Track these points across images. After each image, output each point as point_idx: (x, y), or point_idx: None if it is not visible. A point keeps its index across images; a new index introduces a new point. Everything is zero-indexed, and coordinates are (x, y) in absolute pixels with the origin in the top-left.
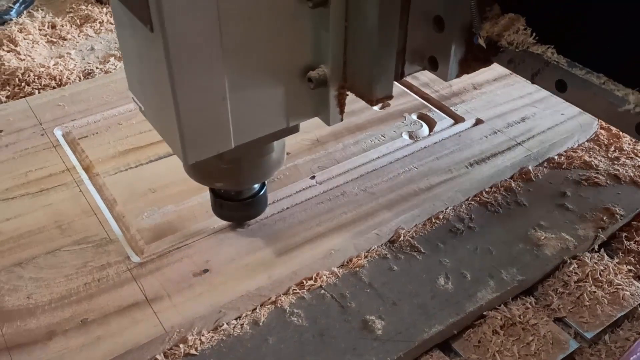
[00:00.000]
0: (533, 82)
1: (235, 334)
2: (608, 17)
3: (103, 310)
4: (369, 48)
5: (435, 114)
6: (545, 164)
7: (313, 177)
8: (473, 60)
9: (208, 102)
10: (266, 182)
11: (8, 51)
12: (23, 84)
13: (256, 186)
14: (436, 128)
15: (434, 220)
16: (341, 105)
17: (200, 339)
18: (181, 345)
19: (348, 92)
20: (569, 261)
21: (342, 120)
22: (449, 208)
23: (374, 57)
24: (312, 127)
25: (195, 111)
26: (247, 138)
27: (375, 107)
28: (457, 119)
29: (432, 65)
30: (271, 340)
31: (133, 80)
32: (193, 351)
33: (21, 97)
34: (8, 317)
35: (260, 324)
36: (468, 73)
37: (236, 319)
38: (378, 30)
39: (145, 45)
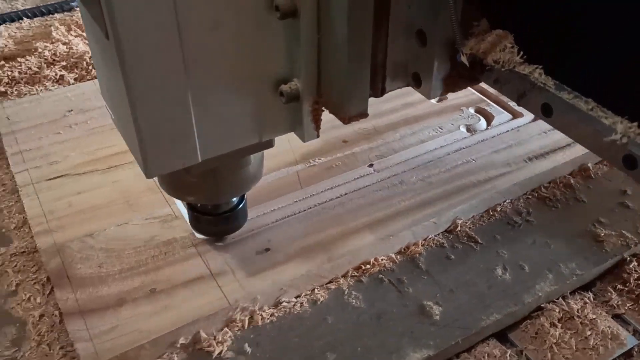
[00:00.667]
0: (519, 104)
1: (295, 312)
2: (600, 37)
3: (170, 281)
4: (339, 62)
5: (493, 108)
6: (605, 162)
7: (371, 165)
8: (458, 77)
9: (169, 114)
10: (245, 194)
11: (76, 36)
12: (90, 67)
13: (234, 200)
14: (494, 122)
15: (491, 213)
16: (316, 120)
17: (261, 314)
18: (245, 319)
19: (324, 108)
20: (628, 259)
21: (318, 136)
22: (507, 201)
23: (345, 72)
24: (370, 117)
25: (155, 122)
26: (215, 152)
27: (433, 100)
28: (515, 114)
29: (416, 81)
30: (330, 319)
31: (103, 88)
32: (256, 324)
33: (88, 80)
34: (81, 283)
35: (319, 303)
36: (454, 91)
37: (296, 297)
38: (348, 43)
39: (105, 52)
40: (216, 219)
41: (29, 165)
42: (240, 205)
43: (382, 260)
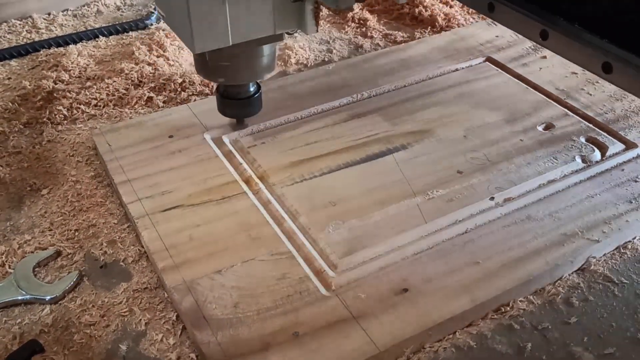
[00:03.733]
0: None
1: (441, 357)
2: None
3: (312, 323)
4: None
5: (605, 138)
6: None
7: (492, 199)
8: None
9: (211, 5)
10: (261, 88)
11: (158, 56)
12: (179, 90)
13: (252, 89)
14: (608, 152)
15: (622, 250)
16: (316, 18)
17: None
18: None
19: (322, 8)
20: None
21: (317, 31)
22: (636, 238)
23: None
24: (479, 146)
25: (201, 13)
26: (241, 39)
27: (540, 128)
28: (628, 144)
29: None
30: None
31: None
32: None
33: (177, 103)
34: (220, 325)
35: (465, 348)
36: None
37: (438, 341)
38: None
39: None
40: (238, 103)
41: (140, 195)
42: (257, 95)
43: (520, 302)
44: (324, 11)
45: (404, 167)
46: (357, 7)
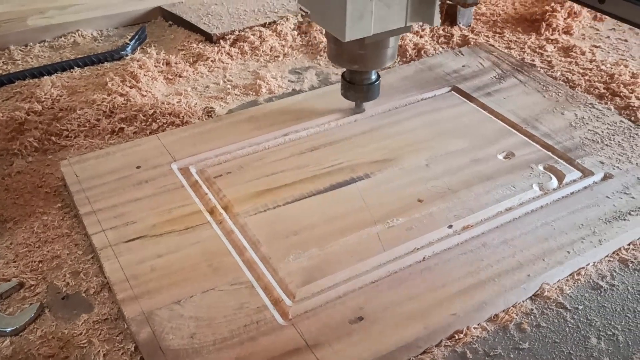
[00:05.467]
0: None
1: None
2: None
3: (267, 353)
4: None
5: (562, 165)
6: None
7: (450, 227)
8: None
9: (362, 4)
10: (380, 76)
11: (131, 87)
12: (150, 120)
13: (373, 77)
14: (565, 180)
15: (576, 277)
16: (442, 11)
17: None
18: None
19: (447, 2)
20: None
21: (440, 24)
22: (590, 264)
23: None
24: (441, 174)
25: (354, 9)
26: (380, 29)
27: (500, 156)
28: (585, 172)
29: None
30: None
31: None
32: None
33: (148, 134)
34: (176, 356)
35: None
36: None
37: None
38: None
39: None
40: (361, 88)
41: (104, 226)
42: (377, 82)
43: (474, 328)
44: (297, 42)
45: (366, 196)
46: None
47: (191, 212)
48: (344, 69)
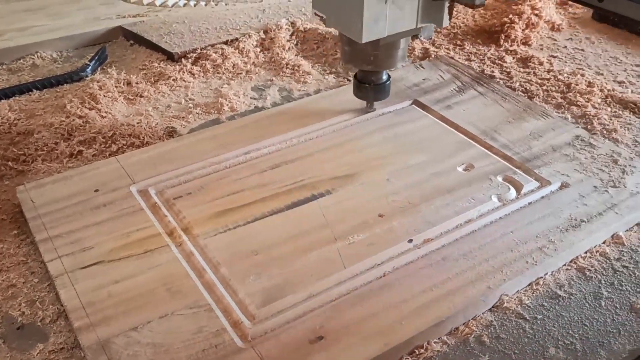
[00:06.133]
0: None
1: None
2: None
3: None
4: None
5: (520, 176)
6: (635, 229)
7: (410, 241)
8: None
9: (377, 4)
10: (390, 80)
11: (90, 109)
12: (109, 142)
13: (384, 77)
14: (523, 190)
15: (534, 287)
16: (450, 13)
17: None
18: None
19: (455, 4)
20: None
21: (449, 24)
22: (548, 274)
23: None
24: (401, 188)
25: (371, 10)
26: (393, 31)
27: (460, 169)
28: (543, 182)
29: None
30: None
31: (319, 0)
32: None
33: (107, 156)
34: None
35: None
36: None
37: None
38: None
39: None
40: (373, 87)
41: (60, 253)
42: (388, 82)
43: (435, 343)
44: (260, 58)
45: (327, 213)
46: (291, 53)
47: (150, 235)
48: (354, 71)
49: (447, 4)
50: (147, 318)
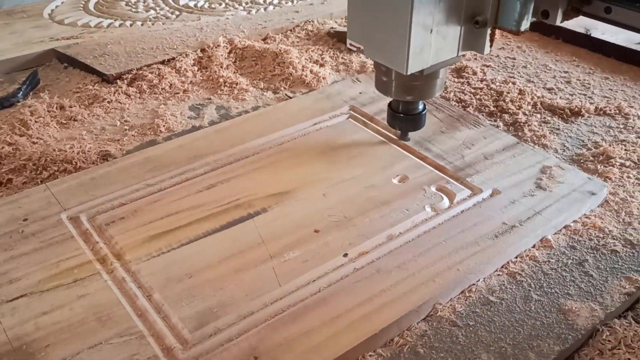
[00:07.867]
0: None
1: None
2: None
3: None
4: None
5: (453, 185)
6: (562, 231)
7: (345, 255)
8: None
9: (423, 34)
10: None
11: (21, 135)
12: (40, 169)
13: (420, 107)
14: (456, 199)
15: (467, 294)
16: (492, 40)
17: None
18: None
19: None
20: (601, 329)
21: (490, 52)
22: (480, 280)
23: (521, 7)
24: (337, 203)
25: (417, 40)
26: (436, 61)
27: (395, 180)
28: (475, 190)
29: (544, 15)
30: None
31: (355, 31)
32: None
33: (39, 183)
34: None
35: None
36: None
37: None
38: None
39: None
40: (408, 118)
41: None
42: (424, 112)
43: (370, 356)
44: (197, 77)
45: (263, 231)
46: (229, 71)
47: (80, 263)
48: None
49: (489, 31)
50: (76, 349)
